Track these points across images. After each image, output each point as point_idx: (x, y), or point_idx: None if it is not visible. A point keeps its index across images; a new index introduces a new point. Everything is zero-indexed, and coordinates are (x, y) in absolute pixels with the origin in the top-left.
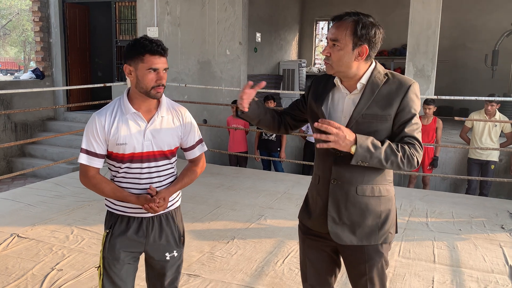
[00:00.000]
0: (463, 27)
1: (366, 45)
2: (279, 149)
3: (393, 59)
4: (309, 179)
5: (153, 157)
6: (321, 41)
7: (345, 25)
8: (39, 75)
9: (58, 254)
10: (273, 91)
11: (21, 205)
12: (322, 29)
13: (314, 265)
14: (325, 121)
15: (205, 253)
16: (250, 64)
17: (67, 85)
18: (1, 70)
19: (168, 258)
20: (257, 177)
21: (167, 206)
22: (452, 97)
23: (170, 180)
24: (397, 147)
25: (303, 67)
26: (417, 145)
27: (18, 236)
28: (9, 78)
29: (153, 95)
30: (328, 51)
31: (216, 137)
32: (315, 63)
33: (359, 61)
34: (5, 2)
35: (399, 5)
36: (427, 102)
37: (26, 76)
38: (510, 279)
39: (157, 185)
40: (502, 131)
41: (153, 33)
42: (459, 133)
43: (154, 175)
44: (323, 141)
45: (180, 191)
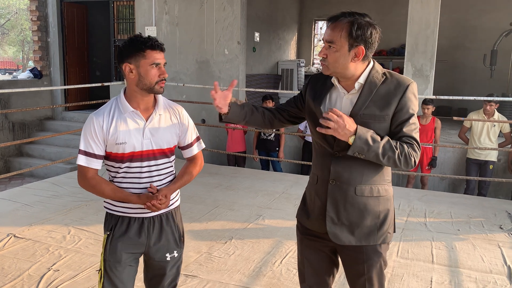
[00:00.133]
0: (462, 27)
1: (362, 46)
2: (277, 149)
3: (392, 58)
4: (308, 179)
5: (153, 156)
6: (320, 40)
7: (340, 26)
8: (37, 74)
9: (54, 254)
10: (271, 91)
11: (18, 205)
12: (320, 28)
13: (312, 265)
14: (330, 109)
15: (202, 254)
16: (248, 63)
17: (65, 85)
18: None
19: (168, 258)
20: (256, 177)
21: (168, 204)
22: (450, 97)
23: (170, 179)
24: (396, 144)
25: (301, 67)
26: (415, 145)
27: (14, 236)
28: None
29: (157, 90)
30: (324, 53)
31: (214, 137)
32: (313, 63)
33: (355, 62)
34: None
35: (397, 5)
36: (425, 102)
37: (24, 75)
38: (508, 279)
39: (158, 184)
40: (500, 131)
41: (151, 32)
42: (457, 133)
43: (154, 174)
44: (325, 127)
45: (178, 191)
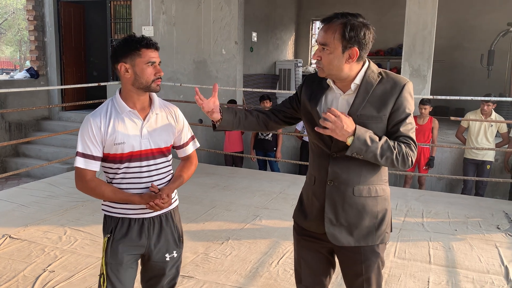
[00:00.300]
0: (459, 27)
1: (356, 47)
2: (275, 149)
3: (389, 59)
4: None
5: (151, 155)
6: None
7: (333, 28)
8: (34, 74)
9: (50, 255)
10: (269, 90)
11: (14, 206)
12: (318, 28)
13: (308, 266)
14: (329, 109)
15: (199, 254)
16: (246, 63)
17: (61, 85)
18: None
19: (167, 259)
20: (253, 177)
21: (170, 203)
22: (448, 97)
23: (168, 178)
24: (394, 144)
25: (299, 67)
26: (412, 145)
27: (10, 237)
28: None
29: (154, 88)
30: (318, 55)
31: (211, 137)
32: (311, 63)
33: (350, 63)
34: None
35: (395, 5)
36: (423, 102)
37: (20, 75)
38: (505, 279)
39: (158, 183)
40: (498, 131)
41: (148, 32)
42: (455, 133)
43: (153, 173)
44: (322, 127)
45: (176, 191)
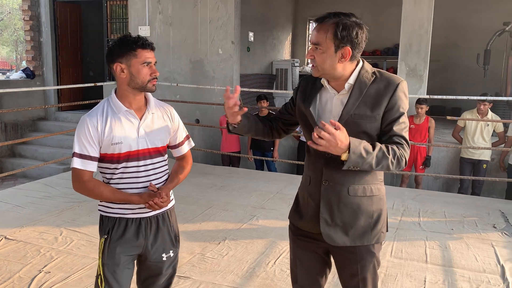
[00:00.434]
0: (456, 26)
1: (348, 47)
2: (272, 149)
3: (386, 58)
4: None
5: (149, 155)
6: None
7: (325, 27)
8: (30, 74)
9: (46, 256)
10: (266, 90)
11: (9, 206)
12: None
13: (304, 266)
14: (323, 124)
15: (195, 255)
16: (243, 63)
17: (58, 85)
18: None
19: (164, 258)
20: (250, 177)
21: (169, 203)
22: (444, 97)
23: (165, 177)
24: (388, 150)
25: (296, 67)
26: (405, 144)
27: (5, 238)
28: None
29: (150, 89)
30: (311, 54)
31: (208, 137)
32: (308, 63)
33: (343, 62)
34: None
35: (391, 5)
36: (419, 101)
37: (16, 75)
38: (501, 278)
39: (155, 183)
40: (494, 131)
41: (145, 32)
42: (451, 133)
43: (151, 173)
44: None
45: (172, 191)
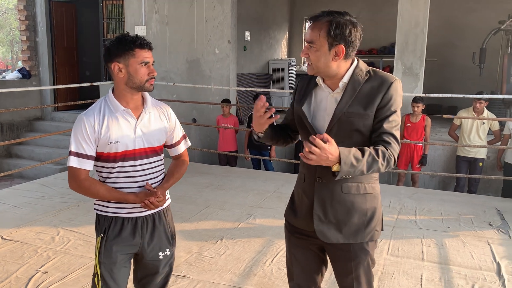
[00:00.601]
0: (451, 25)
1: (342, 45)
2: (269, 148)
3: (382, 57)
4: None
5: (145, 154)
6: None
7: (319, 26)
8: (26, 74)
9: (43, 256)
10: (262, 90)
11: (6, 207)
12: None
13: (300, 264)
14: (313, 139)
15: (193, 254)
16: (239, 63)
17: (54, 85)
18: None
19: (161, 257)
20: (247, 176)
21: (165, 202)
22: (440, 95)
23: (162, 177)
24: (377, 153)
25: (292, 66)
26: (393, 142)
27: (2, 238)
28: None
29: (147, 88)
30: (306, 52)
31: (205, 136)
32: (304, 62)
33: (337, 60)
34: None
35: (387, 4)
36: (415, 100)
37: (12, 75)
38: (497, 275)
39: (151, 182)
40: (490, 129)
41: (141, 31)
42: (447, 131)
43: (147, 172)
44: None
45: (168, 190)
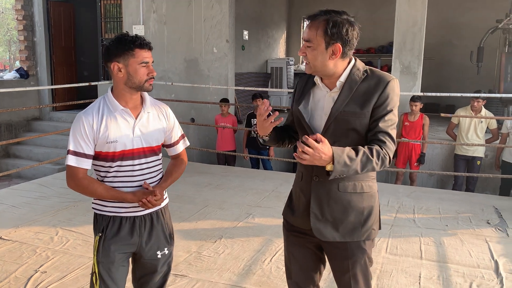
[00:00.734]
0: (449, 24)
1: (339, 44)
2: (267, 147)
3: (380, 56)
4: None
5: (143, 154)
6: None
7: (316, 24)
8: (23, 74)
9: (42, 256)
10: (261, 89)
11: (4, 207)
12: None
13: (298, 262)
14: (306, 138)
15: (192, 253)
16: (237, 62)
17: (52, 85)
18: None
19: (159, 256)
20: (246, 175)
21: (162, 201)
22: (438, 94)
23: (160, 176)
24: (371, 152)
25: (291, 65)
26: (388, 141)
27: (1, 238)
28: None
29: (146, 88)
30: (303, 51)
31: (204, 136)
32: (303, 61)
33: (334, 59)
34: None
35: (385, 3)
36: (413, 99)
37: (10, 75)
38: (495, 273)
39: (149, 181)
40: (487, 127)
41: (139, 31)
42: (445, 130)
43: (145, 172)
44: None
45: (166, 190)
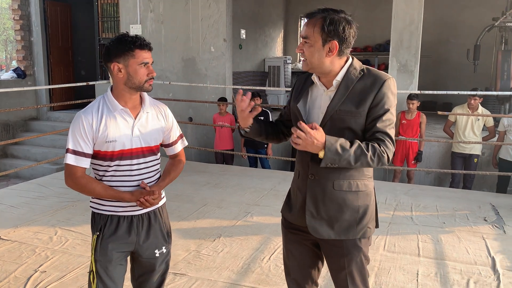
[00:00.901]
0: (446, 22)
1: (335, 41)
2: (266, 146)
3: (377, 54)
4: None
5: (142, 153)
6: None
7: (313, 22)
8: (21, 74)
9: (41, 255)
10: (258, 88)
11: (3, 207)
12: None
13: (296, 259)
14: (300, 124)
15: (191, 252)
16: (235, 61)
17: (49, 84)
18: None
19: (157, 255)
20: (244, 174)
21: (160, 200)
22: (435, 92)
23: (158, 176)
24: (367, 147)
25: (288, 64)
26: (387, 141)
27: (0, 238)
28: None
29: (146, 88)
30: (301, 48)
31: (202, 135)
32: (300, 60)
33: (330, 57)
34: None
35: (382, 1)
36: (410, 97)
37: (7, 75)
38: (492, 270)
39: (147, 181)
40: (484, 125)
41: (136, 30)
42: (442, 128)
43: (143, 171)
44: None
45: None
